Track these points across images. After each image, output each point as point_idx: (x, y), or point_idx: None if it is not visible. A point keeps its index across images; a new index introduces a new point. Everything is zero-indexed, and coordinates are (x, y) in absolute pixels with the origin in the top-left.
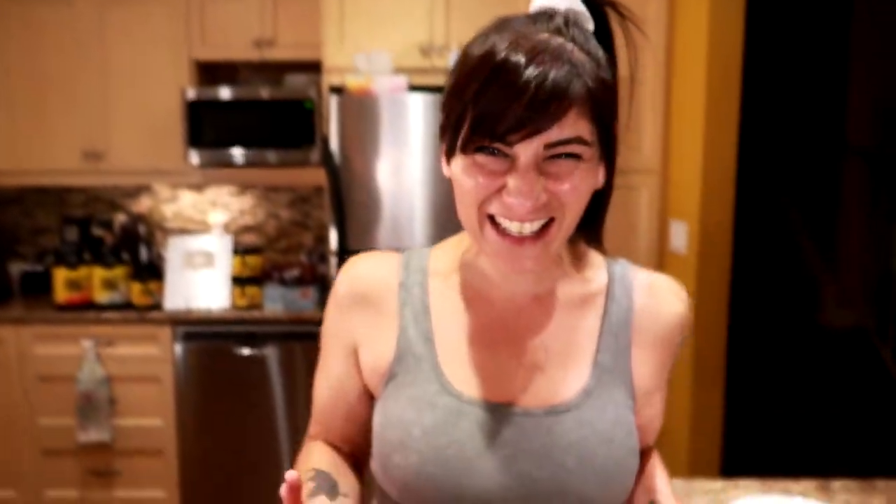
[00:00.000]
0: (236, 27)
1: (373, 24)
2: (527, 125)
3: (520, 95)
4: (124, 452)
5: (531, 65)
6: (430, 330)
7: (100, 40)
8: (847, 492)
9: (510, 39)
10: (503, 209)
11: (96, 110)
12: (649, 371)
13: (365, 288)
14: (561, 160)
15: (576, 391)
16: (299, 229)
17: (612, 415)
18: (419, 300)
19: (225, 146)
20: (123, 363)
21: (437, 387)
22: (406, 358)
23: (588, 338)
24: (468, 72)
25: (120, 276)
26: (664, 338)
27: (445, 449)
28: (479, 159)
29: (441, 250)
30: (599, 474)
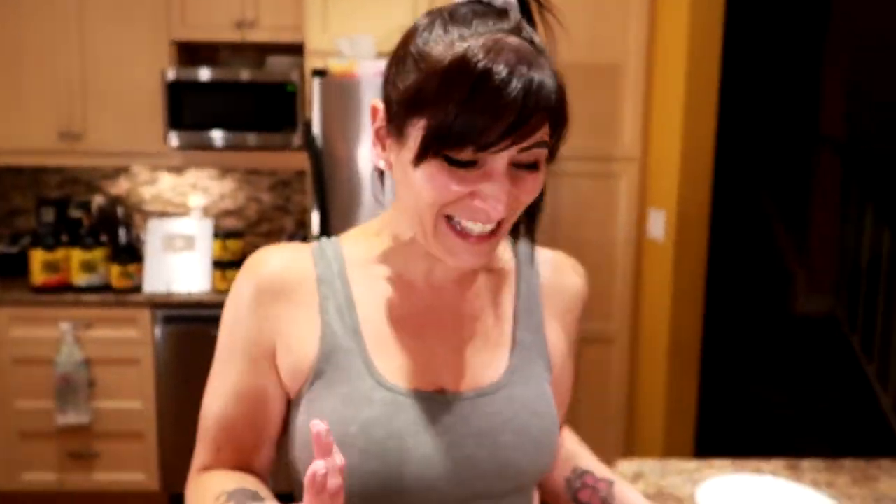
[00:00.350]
0: (217, 8)
1: (356, 8)
2: (511, 136)
3: (508, 108)
4: (103, 435)
5: (514, 76)
6: (357, 322)
7: (78, 18)
8: (815, 471)
9: (483, 44)
10: (470, 212)
11: (74, 90)
12: (559, 342)
13: (279, 282)
14: (523, 167)
15: (501, 370)
16: (280, 213)
17: (536, 388)
18: (341, 293)
19: (205, 128)
20: (102, 346)
21: (370, 382)
22: (334, 354)
23: (506, 317)
24: (442, 77)
25: (98, 259)
26: (568, 310)
27: (385, 442)
28: (445, 168)
29: (352, 239)
30: (534, 446)
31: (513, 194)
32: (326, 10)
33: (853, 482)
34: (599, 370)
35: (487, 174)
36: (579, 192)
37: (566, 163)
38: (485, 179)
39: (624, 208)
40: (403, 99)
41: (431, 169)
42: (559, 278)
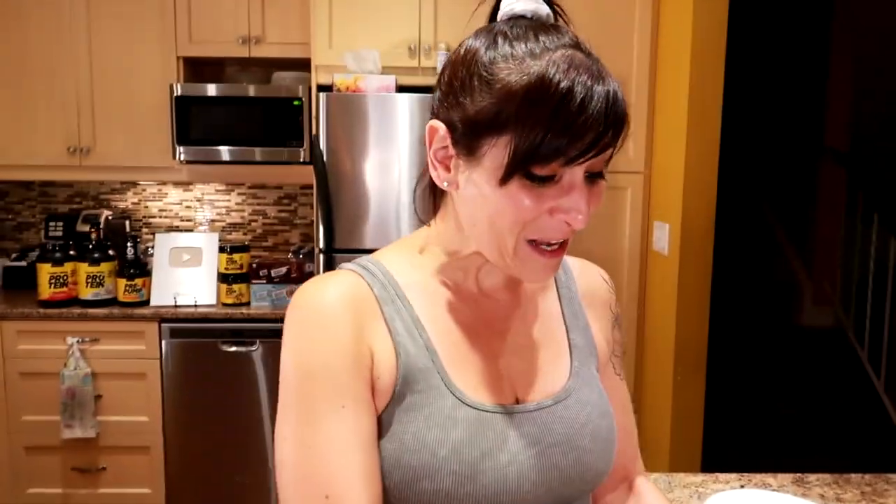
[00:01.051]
0: (224, 24)
1: (361, 24)
2: (597, 146)
3: (592, 123)
4: (110, 449)
5: (594, 91)
6: (428, 340)
7: (86, 34)
8: (823, 485)
9: (557, 61)
10: (548, 230)
11: (82, 105)
12: (602, 346)
13: (350, 301)
14: (593, 176)
15: (566, 376)
16: (286, 227)
17: (597, 389)
18: (405, 312)
19: (212, 143)
20: (109, 360)
21: (452, 400)
22: (411, 375)
23: (556, 321)
24: (523, 97)
25: (105, 273)
26: (601, 315)
27: (478, 463)
28: (526, 186)
29: (393, 258)
30: (606, 446)
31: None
32: (332, 25)
33: (862, 497)
34: None
35: (566, 187)
36: None
37: None
38: (564, 193)
39: (629, 221)
40: (477, 120)
41: (511, 188)
42: (590, 284)
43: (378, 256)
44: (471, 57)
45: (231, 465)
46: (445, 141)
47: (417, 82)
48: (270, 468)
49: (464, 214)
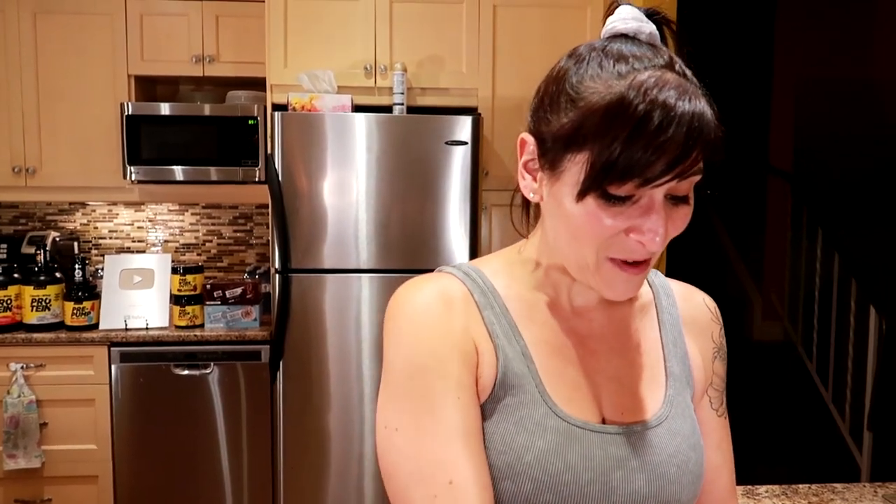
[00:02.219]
0: (177, 42)
1: (317, 44)
2: (676, 168)
3: (671, 145)
4: (56, 479)
5: (675, 112)
6: (525, 347)
7: (32, 50)
8: (772, 496)
9: (642, 81)
10: (624, 250)
11: (28, 123)
12: (699, 376)
13: (452, 298)
14: (675, 199)
15: (660, 402)
16: (242, 247)
17: (690, 420)
18: (503, 318)
19: (165, 163)
20: (55, 386)
21: (544, 409)
22: (509, 378)
23: (654, 347)
24: (604, 114)
25: (52, 296)
26: (703, 345)
27: (561, 475)
28: (604, 205)
29: (492, 267)
30: (692, 479)
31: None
32: (287, 45)
33: None
34: None
35: (645, 208)
36: None
37: None
38: (642, 214)
39: None
40: (560, 135)
41: (589, 205)
42: (692, 311)
43: (477, 264)
44: (562, 75)
45: (185, 494)
46: (533, 154)
47: (374, 102)
48: (226, 495)
49: (548, 227)
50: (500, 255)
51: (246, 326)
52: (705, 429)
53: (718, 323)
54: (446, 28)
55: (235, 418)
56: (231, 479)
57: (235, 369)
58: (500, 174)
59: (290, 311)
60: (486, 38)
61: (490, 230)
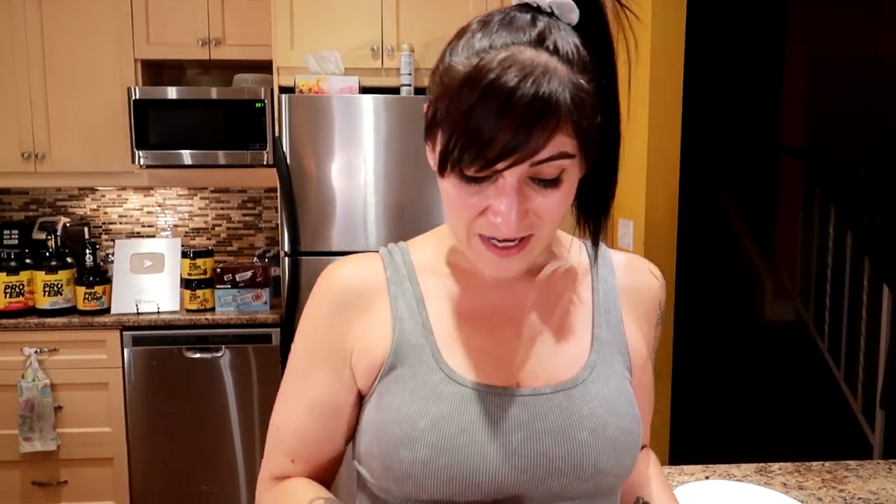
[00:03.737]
0: (183, 26)
1: (323, 25)
2: (516, 151)
3: (509, 124)
4: (71, 462)
5: (518, 91)
6: (426, 319)
7: (38, 37)
8: (785, 474)
9: (497, 56)
10: (489, 228)
11: (36, 109)
12: (638, 344)
13: (353, 290)
14: (543, 182)
15: (580, 366)
16: (251, 231)
17: (616, 386)
18: (411, 292)
19: (173, 147)
20: (69, 370)
21: (440, 376)
22: (404, 350)
23: (583, 313)
24: (456, 87)
25: (64, 281)
26: (645, 312)
27: (455, 438)
28: (465, 180)
29: (418, 244)
30: (611, 445)
31: (532, 209)
32: (293, 27)
33: (823, 484)
34: None
35: (500, 189)
36: None
37: None
38: (497, 194)
39: None
40: (431, 110)
41: (451, 182)
42: (635, 280)
43: (409, 242)
44: (447, 47)
45: (198, 476)
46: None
47: (381, 83)
48: (240, 477)
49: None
50: (436, 230)
51: (256, 310)
52: (647, 386)
53: (664, 290)
54: (454, 8)
55: (247, 400)
56: (243, 460)
57: (246, 352)
58: None
59: (300, 294)
60: None
61: None
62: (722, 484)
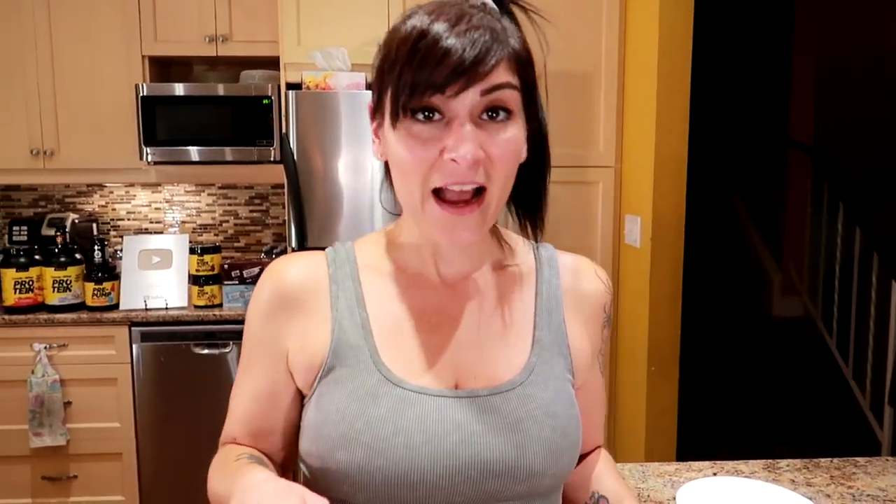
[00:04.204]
0: (190, 23)
1: (329, 21)
2: (458, 81)
3: (447, 56)
4: (80, 457)
5: (457, 27)
6: (366, 319)
7: (47, 34)
8: (793, 471)
9: (434, 10)
10: (445, 175)
11: (45, 106)
12: (582, 346)
13: (293, 289)
14: (493, 120)
15: (518, 369)
16: (258, 227)
17: (554, 387)
18: (352, 291)
19: (181, 143)
20: (78, 365)
21: (377, 377)
22: (342, 350)
23: (524, 316)
24: (396, 45)
25: (73, 277)
26: (591, 315)
27: (391, 439)
28: (415, 129)
29: (364, 243)
30: (548, 447)
31: (484, 151)
32: (300, 23)
33: (831, 481)
34: None
35: (454, 126)
36: (556, 201)
37: None
38: (451, 133)
39: (601, 215)
40: (375, 80)
41: (405, 129)
42: (580, 283)
43: (356, 241)
44: (392, 28)
45: (206, 470)
46: (372, 115)
47: None
48: None
49: (395, 188)
50: (382, 231)
51: None
52: (594, 388)
53: (610, 293)
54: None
55: None
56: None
57: None
58: None
59: None
60: None
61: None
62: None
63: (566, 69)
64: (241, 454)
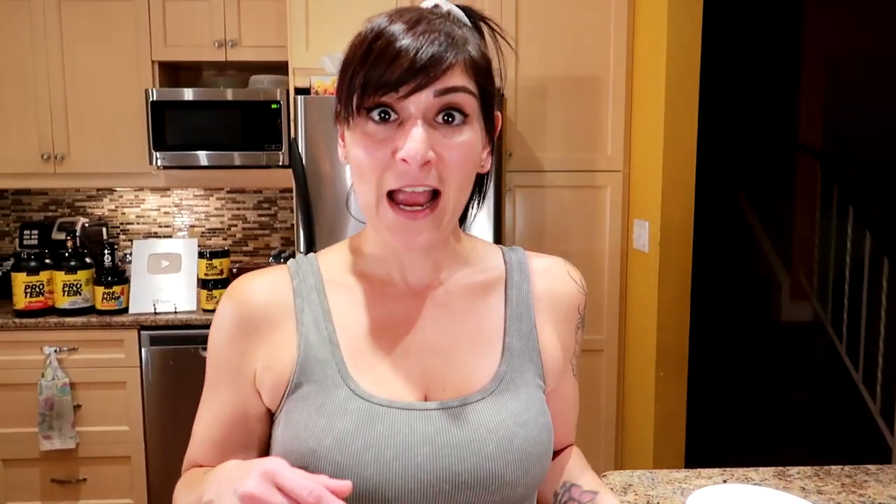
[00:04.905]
0: (199, 28)
1: (338, 26)
2: (411, 81)
3: (400, 56)
4: (90, 460)
5: (413, 28)
6: (332, 332)
7: (58, 39)
8: (804, 478)
9: (392, 13)
10: (397, 176)
11: (56, 111)
12: (555, 351)
13: (257, 309)
14: (449, 124)
15: (488, 377)
16: (266, 231)
17: (525, 396)
18: (317, 304)
19: (190, 148)
20: (88, 369)
21: (345, 392)
22: (310, 365)
23: (494, 324)
24: (354, 47)
25: (83, 281)
26: (564, 317)
27: (361, 454)
28: (370, 128)
29: (328, 254)
30: (519, 456)
31: (437, 153)
32: (309, 28)
33: (842, 488)
34: (589, 381)
35: (406, 127)
36: (564, 205)
37: (550, 175)
38: (403, 134)
39: (609, 220)
40: (337, 83)
41: (357, 132)
42: (553, 285)
43: (319, 252)
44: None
45: None
46: (335, 118)
47: None
48: None
49: (354, 187)
50: (343, 242)
51: None
52: (567, 392)
53: (584, 294)
54: None
55: None
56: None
57: None
58: (524, 155)
59: None
60: (508, 18)
61: (514, 211)
62: (740, 488)
63: (574, 73)
64: (207, 471)
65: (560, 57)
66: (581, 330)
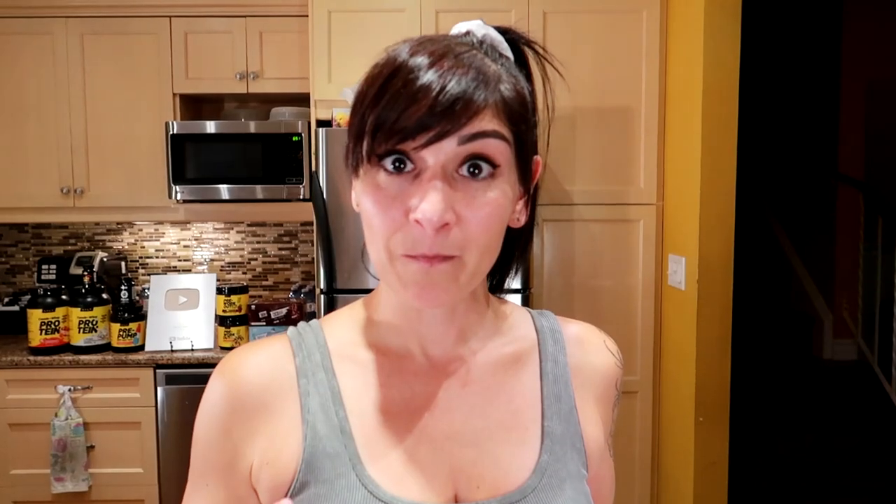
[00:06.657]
0: (221, 60)
1: (360, 59)
2: (432, 127)
3: (420, 96)
4: (103, 503)
5: (436, 64)
6: (344, 419)
7: (80, 73)
8: None
9: (414, 43)
10: (407, 240)
11: (76, 145)
12: (596, 433)
13: (254, 391)
14: (475, 177)
15: (529, 471)
16: (287, 265)
17: (571, 491)
18: (326, 385)
19: (210, 181)
20: (102, 408)
21: (362, 494)
22: (318, 462)
23: (530, 403)
24: (367, 82)
25: (98, 318)
26: (601, 394)
27: None
28: (381, 180)
29: (334, 321)
30: None
31: (458, 214)
32: (331, 60)
33: None
34: (622, 424)
35: (422, 181)
36: (595, 239)
37: (580, 209)
38: (418, 189)
39: (642, 255)
40: (349, 122)
41: (367, 182)
42: (588, 357)
43: (324, 318)
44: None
45: None
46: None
47: None
48: None
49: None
50: (354, 304)
51: None
52: (605, 475)
53: (621, 367)
54: None
55: None
56: None
57: None
58: (554, 188)
59: None
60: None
61: (543, 246)
62: None
63: (603, 103)
64: None
65: (589, 86)
66: (617, 408)
